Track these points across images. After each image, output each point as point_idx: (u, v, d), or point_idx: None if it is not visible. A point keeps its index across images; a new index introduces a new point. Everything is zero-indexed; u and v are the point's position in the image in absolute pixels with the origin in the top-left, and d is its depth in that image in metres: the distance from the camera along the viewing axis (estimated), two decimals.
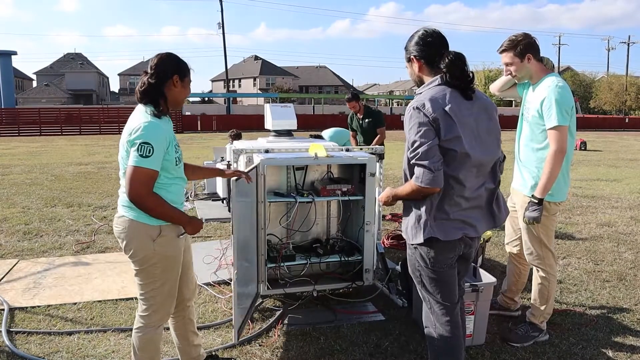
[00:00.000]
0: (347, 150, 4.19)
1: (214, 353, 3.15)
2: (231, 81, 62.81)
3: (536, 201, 3.10)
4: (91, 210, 7.37)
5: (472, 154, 2.26)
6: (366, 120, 6.81)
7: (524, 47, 3.17)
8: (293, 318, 3.71)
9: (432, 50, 2.35)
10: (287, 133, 4.53)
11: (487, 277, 3.43)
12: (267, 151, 3.87)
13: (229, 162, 4.18)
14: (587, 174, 12.04)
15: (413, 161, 2.26)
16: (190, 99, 49.11)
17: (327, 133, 7.03)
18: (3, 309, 3.79)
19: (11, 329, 3.50)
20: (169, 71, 2.45)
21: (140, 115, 2.40)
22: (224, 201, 7.46)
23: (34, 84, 67.64)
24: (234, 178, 2.94)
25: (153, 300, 2.53)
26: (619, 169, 13.18)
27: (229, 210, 4.70)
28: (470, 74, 2.32)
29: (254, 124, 29.80)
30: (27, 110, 31.78)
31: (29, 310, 3.84)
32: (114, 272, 4.70)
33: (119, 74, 68.21)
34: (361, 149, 4.24)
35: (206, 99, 55.51)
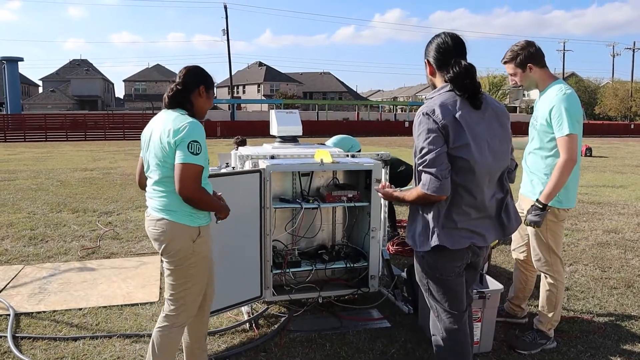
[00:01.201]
0: (353, 156, 4.19)
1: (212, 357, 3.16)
2: (235, 87, 62.98)
3: (540, 206, 3.08)
4: (96, 215, 7.39)
5: (481, 162, 2.23)
6: None
7: (524, 57, 3.17)
8: (298, 324, 3.70)
9: (444, 57, 2.33)
10: (293, 139, 4.52)
11: (494, 284, 3.41)
12: (272, 157, 3.87)
13: (234, 168, 4.18)
14: (592, 180, 11.99)
15: (420, 168, 2.24)
16: None
17: (331, 141, 7.01)
18: (9, 315, 3.79)
19: (17, 335, 3.50)
20: (196, 81, 2.60)
21: (177, 117, 2.48)
22: None
23: (40, 89, 68.01)
24: None
25: (183, 301, 2.59)
26: (625, 175, 13.12)
27: None
28: (477, 84, 2.28)
29: (258, 130, 29.83)
30: (33, 115, 32.08)
31: (34, 316, 3.84)
32: (119, 277, 4.70)
33: (124, 80, 68.34)
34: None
35: None
